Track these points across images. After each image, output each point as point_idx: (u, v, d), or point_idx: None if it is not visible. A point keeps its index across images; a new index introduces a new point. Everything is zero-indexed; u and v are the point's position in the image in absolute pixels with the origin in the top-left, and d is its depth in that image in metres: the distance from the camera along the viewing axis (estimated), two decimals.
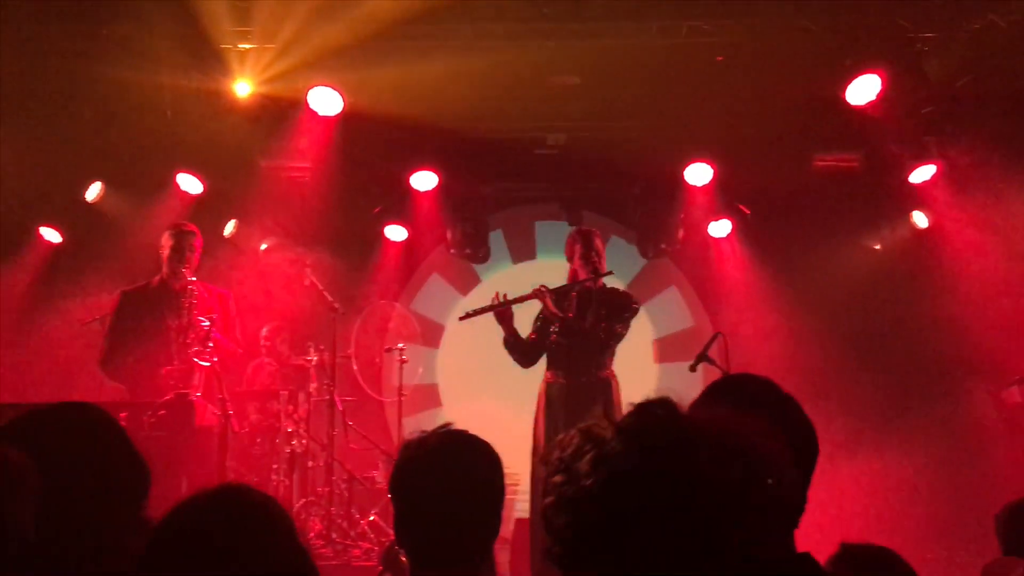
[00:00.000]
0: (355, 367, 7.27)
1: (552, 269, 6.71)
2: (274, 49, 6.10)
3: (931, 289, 7.78)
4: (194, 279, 5.57)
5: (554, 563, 1.17)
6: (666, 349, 8.53)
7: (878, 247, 8.42)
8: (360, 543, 6.25)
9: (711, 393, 1.93)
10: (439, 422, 2.23)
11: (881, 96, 6.19)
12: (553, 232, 8.52)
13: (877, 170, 7.36)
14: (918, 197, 7.54)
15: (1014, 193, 6.92)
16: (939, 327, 7.43)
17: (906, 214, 7.90)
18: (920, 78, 6.33)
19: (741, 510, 1.08)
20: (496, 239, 8.67)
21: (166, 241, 5.67)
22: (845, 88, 6.24)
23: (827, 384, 7.17)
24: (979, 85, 6.36)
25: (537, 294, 5.56)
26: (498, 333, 5.67)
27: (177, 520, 1.54)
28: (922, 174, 7.21)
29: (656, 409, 1.15)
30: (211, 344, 5.17)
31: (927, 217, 7.76)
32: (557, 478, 1.14)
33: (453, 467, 2.12)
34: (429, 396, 8.39)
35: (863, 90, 6.19)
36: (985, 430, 6.91)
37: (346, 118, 6.58)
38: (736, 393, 1.89)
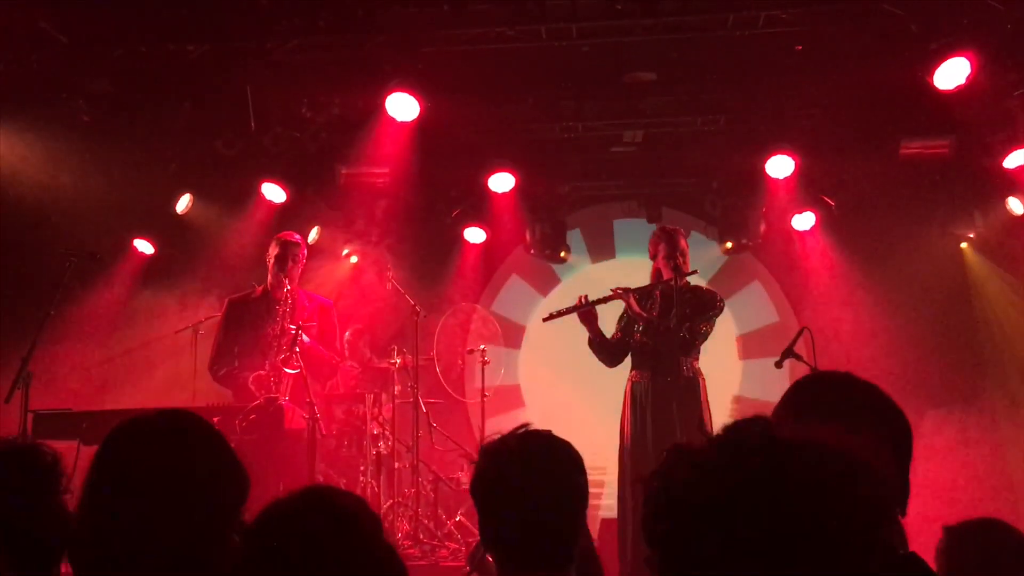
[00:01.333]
0: (438, 369, 7.34)
1: (632, 268, 6.68)
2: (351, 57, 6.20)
3: None
4: (288, 288, 5.67)
5: (655, 571, 1.18)
6: (750, 345, 8.38)
7: (972, 235, 8.12)
8: (447, 543, 6.31)
9: (794, 393, 1.90)
10: (521, 422, 2.24)
11: (971, 79, 5.95)
12: (632, 230, 8.48)
13: (969, 156, 7.10)
14: (1014, 182, 7.24)
15: None
16: None
17: (1001, 200, 7.59)
18: (1012, 60, 6.09)
19: (838, 515, 1.08)
20: (575, 238, 8.66)
21: (272, 250, 5.80)
22: (932, 72, 6.00)
23: (918, 377, 6.96)
24: None
25: (620, 294, 5.53)
26: (581, 333, 5.65)
27: (268, 522, 1.58)
28: (1017, 158, 6.92)
29: (751, 426, 1.18)
30: (297, 350, 5.27)
31: None
32: (655, 488, 1.16)
33: (533, 469, 2.11)
34: (511, 397, 8.42)
35: (951, 74, 5.95)
36: None
37: (423, 122, 6.63)
38: (821, 395, 1.87)
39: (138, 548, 1.71)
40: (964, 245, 8.17)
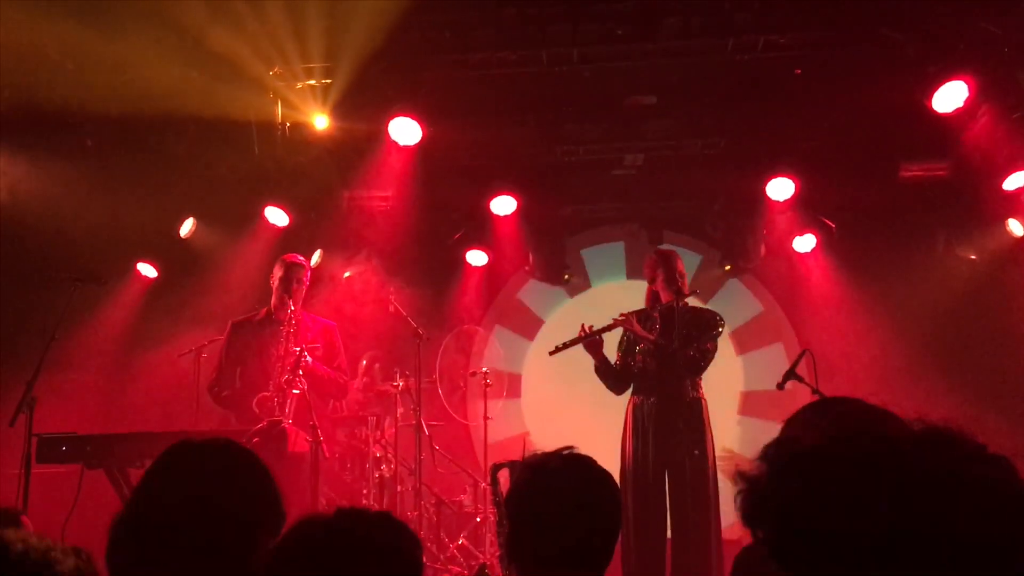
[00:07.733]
0: (440, 392, 7.35)
1: (635, 289, 6.69)
2: (352, 82, 6.23)
3: None
4: (292, 309, 5.67)
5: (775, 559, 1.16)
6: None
7: (973, 257, 8.12)
8: (450, 567, 6.30)
9: (806, 414, 1.90)
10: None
11: (969, 102, 6.00)
12: (637, 252, 8.51)
13: (968, 178, 7.12)
14: (1013, 204, 7.25)
15: None
16: None
17: (1001, 222, 7.60)
18: (1010, 83, 6.13)
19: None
20: (578, 260, 8.69)
21: (276, 271, 5.84)
22: (931, 96, 6.06)
23: (918, 400, 6.93)
24: None
25: (622, 322, 5.54)
26: (584, 358, 5.64)
27: (300, 540, 1.64)
28: (1017, 180, 6.94)
29: (845, 406, 1.18)
30: (301, 371, 5.28)
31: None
32: (757, 476, 1.13)
33: (575, 492, 2.14)
34: (514, 420, 8.38)
35: (950, 97, 6.00)
36: None
37: (425, 146, 6.69)
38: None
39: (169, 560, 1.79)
40: (966, 266, 8.17)
